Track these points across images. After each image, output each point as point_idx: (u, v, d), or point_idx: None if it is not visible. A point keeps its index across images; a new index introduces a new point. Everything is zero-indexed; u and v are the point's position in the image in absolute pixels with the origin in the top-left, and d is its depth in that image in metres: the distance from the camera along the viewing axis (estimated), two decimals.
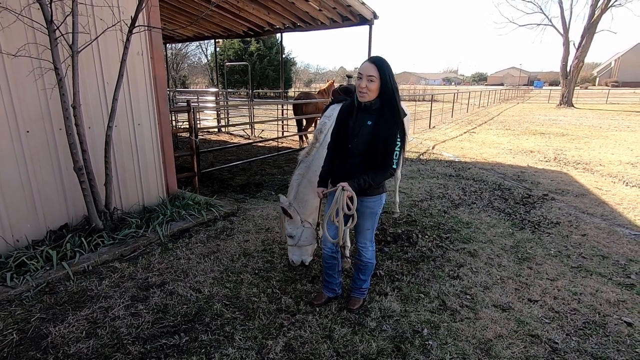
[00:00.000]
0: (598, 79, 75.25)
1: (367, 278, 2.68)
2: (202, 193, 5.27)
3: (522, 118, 17.70)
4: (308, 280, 3.09)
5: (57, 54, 3.08)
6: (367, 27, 8.33)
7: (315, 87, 43.15)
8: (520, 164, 7.67)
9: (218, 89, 14.62)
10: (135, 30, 3.52)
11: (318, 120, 3.86)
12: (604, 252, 3.68)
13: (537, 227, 4.29)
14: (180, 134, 9.57)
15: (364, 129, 2.29)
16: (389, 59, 2.25)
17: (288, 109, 12.46)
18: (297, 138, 9.76)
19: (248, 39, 29.99)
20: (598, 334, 2.47)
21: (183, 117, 11.29)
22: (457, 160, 8.00)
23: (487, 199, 5.28)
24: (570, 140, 10.76)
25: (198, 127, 6.36)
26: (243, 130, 11.94)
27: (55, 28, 3.05)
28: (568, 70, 25.15)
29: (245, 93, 28.63)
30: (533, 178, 6.52)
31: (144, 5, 3.52)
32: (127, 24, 3.54)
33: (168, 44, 14.74)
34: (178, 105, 11.57)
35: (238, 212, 4.65)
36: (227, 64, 20.43)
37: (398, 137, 2.24)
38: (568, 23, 25.01)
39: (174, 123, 10.89)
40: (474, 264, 3.39)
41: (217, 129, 11.95)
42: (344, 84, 3.92)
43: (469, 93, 24.52)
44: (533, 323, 2.57)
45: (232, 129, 12.05)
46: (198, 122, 11.61)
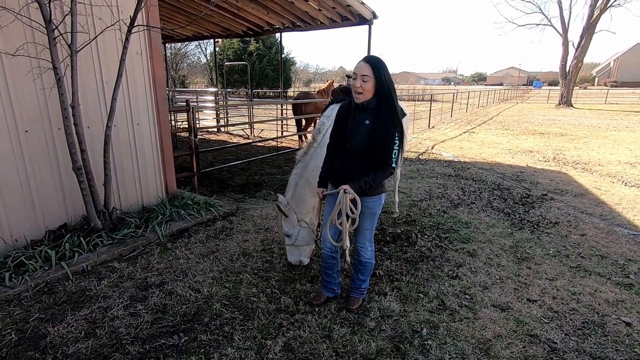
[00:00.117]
0: (597, 79, 75.39)
1: (366, 278, 2.69)
2: (201, 193, 5.26)
3: (521, 118, 17.72)
4: (307, 280, 3.09)
5: (55, 54, 3.08)
6: (366, 27, 8.32)
7: (315, 87, 43.14)
8: (520, 164, 7.68)
9: (217, 89, 14.59)
10: (135, 30, 3.51)
11: (317, 120, 3.86)
12: (603, 252, 3.69)
13: (536, 227, 4.30)
14: (180, 134, 9.57)
15: (362, 129, 2.29)
16: (389, 59, 2.29)
17: (287, 109, 12.45)
18: (296, 138, 9.76)
19: (247, 39, 29.97)
20: (597, 334, 2.47)
21: (182, 116, 11.33)
22: (456, 160, 8.01)
23: (486, 199, 5.29)
24: (569, 140, 10.78)
25: (197, 126, 6.36)
26: (242, 130, 11.94)
27: (54, 27, 3.04)
28: (567, 70, 25.19)
29: (245, 93, 28.63)
30: (532, 178, 6.53)
31: (143, 5, 3.52)
32: (126, 24, 3.53)
33: (167, 44, 14.72)
34: (177, 105, 11.55)
35: (237, 212, 4.65)
36: (226, 64, 20.44)
37: (396, 135, 2.23)
38: (567, 23, 25.07)
39: (173, 123, 10.87)
40: (473, 264, 3.39)
41: (216, 129, 11.94)
42: (344, 84, 3.92)
43: (468, 93, 24.57)
44: (532, 323, 2.57)
45: (231, 129, 12.04)
46: (197, 121, 11.60)
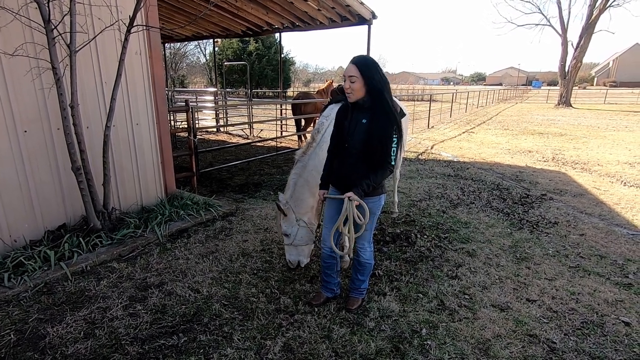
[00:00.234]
0: (596, 79, 75.49)
1: (365, 278, 2.69)
2: (200, 193, 5.26)
3: (520, 118, 17.73)
4: (307, 280, 3.09)
5: (54, 54, 3.07)
6: (365, 27, 8.32)
7: (314, 86, 43.15)
8: (519, 164, 7.69)
9: (217, 89, 14.58)
10: (134, 30, 3.51)
11: (317, 120, 3.86)
12: (602, 251, 3.69)
13: (535, 227, 4.30)
14: (179, 134, 9.55)
15: (359, 128, 2.30)
16: (388, 59, 2.29)
17: (287, 109, 12.44)
18: (296, 138, 9.76)
19: (247, 39, 29.96)
20: (596, 334, 2.48)
21: (182, 116, 11.33)
22: (455, 160, 8.01)
23: (485, 199, 5.29)
24: (569, 140, 10.79)
25: (197, 126, 6.34)
26: (242, 130, 11.93)
27: (53, 27, 3.04)
28: (566, 70, 25.23)
29: (244, 93, 28.60)
30: (531, 178, 6.53)
31: (142, 5, 3.52)
32: (125, 24, 3.53)
33: (166, 44, 14.71)
34: (176, 105, 11.54)
35: (237, 212, 4.65)
36: (225, 64, 20.43)
37: (394, 133, 2.22)
38: (566, 23, 25.13)
39: (173, 123, 10.86)
40: (473, 264, 3.39)
41: (215, 129, 11.93)
42: (343, 84, 3.91)
43: (468, 93, 24.62)
44: (531, 323, 2.57)
45: (230, 129, 12.03)
46: (197, 121, 11.57)
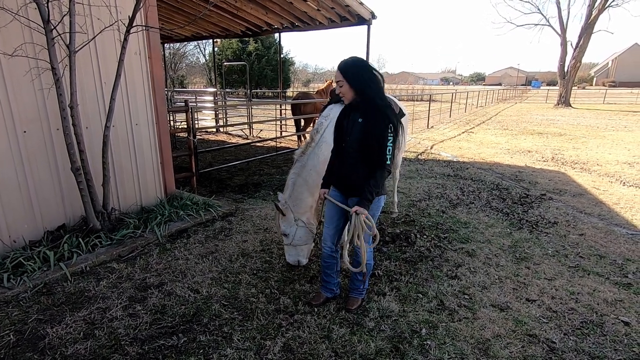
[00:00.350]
0: (595, 79, 75.57)
1: (365, 278, 2.69)
2: (200, 193, 5.25)
3: (520, 118, 17.74)
4: (306, 281, 3.09)
5: (54, 54, 3.07)
6: (365, 27, 8.32)
7: (314, 87, 43.15)
8: (518, 164, 7.69)
9: (216, 89, 14.57)
10: (133, 30, 3.51)
11: (316, 120, 3.86)
12: (602, 251, 3.70)
13: (534, 226, 4.30)
14: (178, 134, 9.55)
15: (356, 127, 2.34)
16: (387, 59, 2.30)
17: (286, 109, 12.43)
18: (295, 138, 9.76)
19: (246, 39, 29.96)
20: (595, 334, 2.48)
21: (181, 117, 11.31)
22: (455, 160, 8.02)
23: (485, 199, 5.29)
24: (568, 140, 10.80)
25: (196, 127, 6.34)
26: (241, 130, 11.93)
27: (52, 28, 3.03)
28: (565, 70, 25.24)
29: (244, 93, 28.60)
30: (531, 178, 6.54)
31: (142, 5, 3.52)
32: (124, 24, 3.53)
33: (166, 44, 14.70)
34: (176, 105, 11.52)
35: (236, 212, 4.65)
36: (225, 64, 20.43)
37: (389, 132, 2.24)
38: (565, 23, 25.15)
39: (172, 123, 10.86)
40: (472, 264, 3.40)
41: (215, 129, 11.93)
42: None
43: (467, 93, 24.64)
44: (531, 323, 2.57)
45: (230, 129, 12.02)
46: (196, 122, 11.57)
